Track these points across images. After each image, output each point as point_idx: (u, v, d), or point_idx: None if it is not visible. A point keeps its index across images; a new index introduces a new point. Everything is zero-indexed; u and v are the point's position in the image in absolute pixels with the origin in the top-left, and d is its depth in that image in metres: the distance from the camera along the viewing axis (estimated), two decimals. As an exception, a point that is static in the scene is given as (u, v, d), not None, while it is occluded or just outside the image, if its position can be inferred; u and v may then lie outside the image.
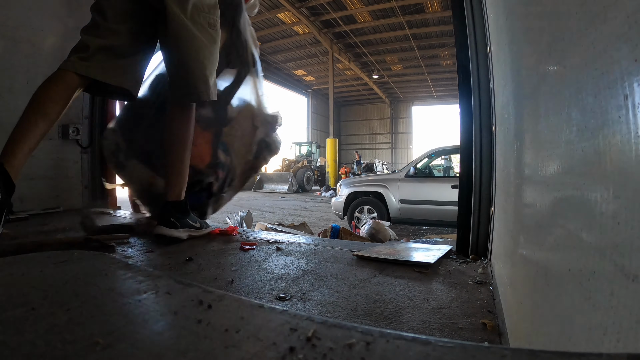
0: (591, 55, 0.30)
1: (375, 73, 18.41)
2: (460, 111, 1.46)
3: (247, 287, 0.98)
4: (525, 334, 0.51)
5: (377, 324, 0.77)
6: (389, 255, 1.29)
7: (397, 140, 25.50)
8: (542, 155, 0.48)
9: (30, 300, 0.40)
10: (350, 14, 12.71)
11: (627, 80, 0.24)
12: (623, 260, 0.24)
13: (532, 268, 0.51)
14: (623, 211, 0.25)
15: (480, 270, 1.19)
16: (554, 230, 0.41)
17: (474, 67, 1.39)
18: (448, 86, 20.42)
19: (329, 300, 0.90)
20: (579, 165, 0.33)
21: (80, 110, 2.41)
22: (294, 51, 16.12)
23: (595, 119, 0.30)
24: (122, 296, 0.43)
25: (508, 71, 0.83)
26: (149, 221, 1.54)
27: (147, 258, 1.24)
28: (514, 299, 0.65)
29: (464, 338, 0.71)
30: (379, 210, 5.18)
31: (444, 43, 14.24)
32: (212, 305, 0.40)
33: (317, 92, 22.94)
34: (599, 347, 0.27)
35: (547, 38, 0.44)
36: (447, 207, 4.60)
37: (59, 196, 2.30)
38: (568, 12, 0.36)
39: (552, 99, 0.43)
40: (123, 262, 0.56)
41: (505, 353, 0.25)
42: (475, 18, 1.40)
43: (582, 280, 0.31)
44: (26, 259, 0.58)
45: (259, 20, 12.88)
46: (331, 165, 14.63)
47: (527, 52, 0.57)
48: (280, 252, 1.40)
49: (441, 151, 5.30)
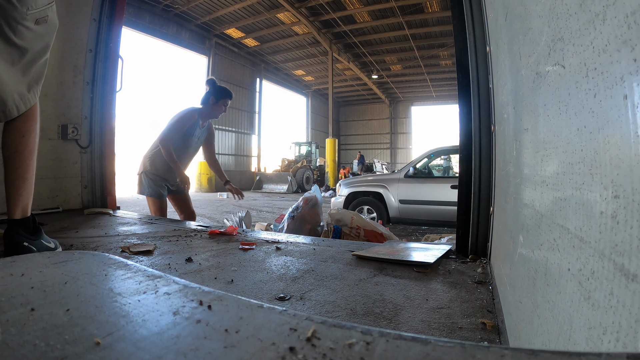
0: (590, 55, 0.30)
1: (374, 73, 18.41)
2: (460, 111, 1.46)
3: (246, 287, 0.98)
4: (525, 333, 0.51)
5: (376, 324, 0.77)
6: (388, 255, 1.29)
7: (397, 140, 25.51)
8: (542, 154, 0.48)
9: (30, 300, 0.40)
10: (350, 14, 12.71)
11: (626, 80, 0.24)
12: (622, 259, 0.24)
13: (532, 268, 0.51)
14: (622, 211, 0.25)
15: (480, 270, 1.19)
16: (553, 230, 0.41)
17: (474, 67, 1.39)
18: (447, 86, 20.42)
19: (328, 300, 0.90)
20: (578, 165, 0.33)
21: (80, 110, 2.40)
22: (293, 51, 16.12)
23: (595, 118, 0.30)
24: (122, 296, 0.42)
25: (507, 71, 0.83)
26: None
27: (147, 258, 1.24)
28: (514, 299, 0.65)
29: (463, 337, 0.71)
30: (379, 210, 5.18)
31: (444, 43, 14.25)
32: (212, 305, 0.40)
33: (317, 92, 22.94)
34: (598, 346, 0.27)
35: (547, 38, 0.44)
36: (446, 207, 4.61)
37: (58, 196, 2.29)
38: (568, 12, 0.36)
39: (552, 99, 0.43)
40: (123, 262, 0.56)
41: (505, 353, 0.25)
42: (474, 18, 1.40)
43: (581, 280, 0.31)
44: (26, 259, 0.58)
45: (258, 20, 12.88)
46: (330, 166, 14.63)
47: (527, 52, 0.57)
48: (280, 252, 1.40)
49: (440, 151, 5.30)
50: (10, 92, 1.12)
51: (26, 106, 1.17)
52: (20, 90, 1.15)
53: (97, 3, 2.41)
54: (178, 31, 12.69)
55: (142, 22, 11.41)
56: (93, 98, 2.46)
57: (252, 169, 16.02)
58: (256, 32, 13.98)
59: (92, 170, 2.49)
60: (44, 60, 1.24)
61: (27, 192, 1.16)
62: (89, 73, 2.43)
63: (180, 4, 11.67)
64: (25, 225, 1.15)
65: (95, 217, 2.16)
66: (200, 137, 2.54)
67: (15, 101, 1.14)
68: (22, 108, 1.16)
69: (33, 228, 1.18)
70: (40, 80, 1.25)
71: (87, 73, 2.42)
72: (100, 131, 2.50)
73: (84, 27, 2.35)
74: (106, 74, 2.49)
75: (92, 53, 2.43)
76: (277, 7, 11.92)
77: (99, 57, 2.45)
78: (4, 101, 1.11)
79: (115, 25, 2.50)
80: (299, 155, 16.69)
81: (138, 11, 11.22)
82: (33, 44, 1.15)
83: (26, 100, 1.17)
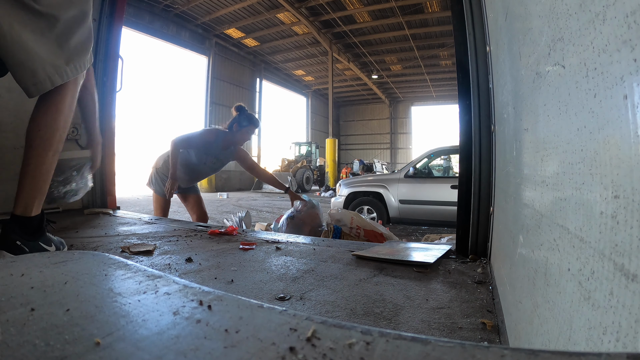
0: (590, 55, 0.30)
1: (374, 73, 18.42)
2: (460, 111, 1.46)
3: (246, 287, 0.98)
4: (525, 333, 0.51)
5: (376, 324, 0.77)
6: (388, 255, 1.29)
7: (397, 140, 25.52)
8: (542, 154, 0.48)
9: (30, 300, 0.40)
10: (350, 14, 12.71)
11: (626, 80, 0.24)
12: (622, 259, 0.24)
13: (532, 268, 0.51)
14: (622, 211, 0.25)
15: (480, 270, 1.19)
16: (553, 230, 0.41)
17: (474, 67, 1.39)
18: (447, 86, 20.43)
19: (328, 300, 0.90)
20: (578, 165, 0.33)
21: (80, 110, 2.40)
22: (293, 51, 16.13)
23: (595, 118, 0.30)
24: (122, 296, 0.42)
25: (507, 71, 0.83)
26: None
27: (147, 258, 1.24)
28: (514, 299, 0.65)
29: (463, 338, 0.71)
30: (379, 210, 5.18)
31: (443, 43, 14.25)
32: (212, 305, 0.40)
33: (317, 92, 22.96)
34: (598, 346, 0.27)
35: (547, 38, 0.44)
36: (446, 207, 4.61)
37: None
38: (568, 12, 0.36)
39: (552, 99, 0.43)
40: (123, 262, 0.56)
41: (505, 353, 0.25)
42: (474, 18, 1.40)
43: (581, 280, 0.31)
44: (26, 259, 0.58)
45: (258, 20, 12.88)
46: (330, 166, 14.63)
47: (527, 51, 0.57)
48: (280, 252, 1.40)
49: (440, 151, 5.30)
50: (42, 63, 1.04)
51: (62, 79, 1.08)
52: (56, 62, 1.07)
53: (97, 3, 2.41)
54: (178, 31, 12.69)
55: (142, 22, 11.42)
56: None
57: (252, 169, 15.99)
58: (256, 32, 13.99)
59: (92, 170, 2.49)
60: (84, 31, 1.16)
61: (32, 190, 1.09)
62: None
63: (180, 4, 11.68)
64: (25, 224, 1.08)
65: (95, 217, 2.16)
66: (220, 159, 2.56)
67: (48, 72, 1.05)
68: (57, 80, 1.07)
69: (35, 229, 1.11)
70: (84, 54, 1.17)
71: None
72: (100, 131, 2.49)
73: (84, 27, 2.35)
74: (106, 74, 2.49)
75: (92, 53, 2.43)
76: (277, 7, 11.93)
77: (98, 57, 2.45)
78: (34, 71, 1.03)
79: (115, 25, 2.50)
80: (299, 155, 16.71)
81: (138, 11, 11.23)
82: (61, 11, 1.07)
83: (62, 72, 1.08)
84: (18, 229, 1.07)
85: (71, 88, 1.14)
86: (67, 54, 1.10)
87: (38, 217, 1.11)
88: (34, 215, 1.09)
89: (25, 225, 1.08)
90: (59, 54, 1.08)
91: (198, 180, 2.67)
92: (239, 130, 2.49)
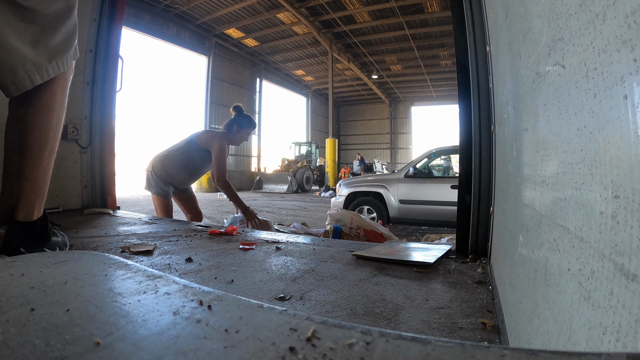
0: (590, 55, 0.30)
1: (374, 73, 18.41)
2: (460, 111, 1.46)
3: (246, 287, 0.98)
4: (525, 333, 0.51)
5: (376, 324, 0.77)
6: (388, 255, 1.29)
7: (397, 140, 25.51)
8: (542, 154, 0.48)
9: (30, 300, 0.40)
10: (350, 14, 12.71)
11: (626, 80, 0.24)
12: (622, 259, 0.24)
13: (532, 268, 0.51)
14: (622, 211, 0.25)
15: (480, 270, 1.19)
16: (553, 230, 0.41)
17: (474, 67, 1.39)
18: (447, 86, 20.43)
19: (328, 300, 0.90)
20: (578, 165, 0.33)
21: (80, 110, 2.40)
22: (293, 51, 16.12)
23: (595, 118, 0.30)
24: (122, 296, 0.42)
25: (507, 71, 0.83)
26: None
27: (147, 258, 1.24)
28: (514, 299, 0.65)
29: (463, 337, 0.71)
30: (379, 210, 5.18)
31: (443, 43, 14.25)
32: (212, 305, 0.40)
33: (317, 92, 22.95)
34: (598, 346, 0.27)
35: (547, 38, 0.44)
36: (446, 207, 4.61)
37: (58, 196, 2.29)
38: (568, 12, 0.36)
39: (552, 99, 0.43)
40: (123, 262, 0.56)
41: (505, 353, 0.25)
42: (474, 18, 1.40)
43: (581, 280, 0.31)
44: (26, 259, 0.58)
45: (258, 20, 12.88)
46: (330, 166, 14.63)
47: (527, 51, 0.57)
48: (280, 252, 1.40)
49: (440, 151, 5.30)
50: (21, 60, 0.97)
51: (42, 78, 1.02)
52: (37, 60, 1.00)
53: (97, 3, 2.41)
54: (178, 31, 12.69)
55: (142, 22, 11.41)
56: (93, 98, 2.46)
57: (252, 169, 16.04)
58: (256, 32, 13.99)
59: (92, 170, 2.49)
60: (69, 26, 1.10)
61: (32, 194, 1.04)
62: (89, 73, 2.43)
63: (180, 4, 11.67)
64: (29, 229, 1.04)
65: (95, 217, 2.16)
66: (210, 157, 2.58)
67: (28, 71, 0.99)
68: (36, 80, 1.01)
69: (38, 234, 1.06)
70: (68, 50, 1.11)
71: (87, 73, 2.42)
72: (100, 131, 2.50)
73: (84, 27, 2.35)
74: (106, 74, 2.49)
75: (92, 53, 2.43)
76: (277, 7, 11.92)
77: (99, 57, 2.45)
78: (13, 70, 0.97)
79: (115, 25, 2.50)
80: (299, 155, 16.71)
81: (138, 11, 11.22)
82: (45, 5, 1.01)
83: (43, 71, 1.02)
84: (22, 235, 1.03)
85: (61, 84, 1.10)
86: (50, 51, 1.05)
87: (41, 219, 1.08)
88: (36, 219, 1.06)
89: (28, 231, 1.04)
90: (42, 51, 1.03)
91: (196, 179, 2.67)
92: (239, 131, 2.49)
